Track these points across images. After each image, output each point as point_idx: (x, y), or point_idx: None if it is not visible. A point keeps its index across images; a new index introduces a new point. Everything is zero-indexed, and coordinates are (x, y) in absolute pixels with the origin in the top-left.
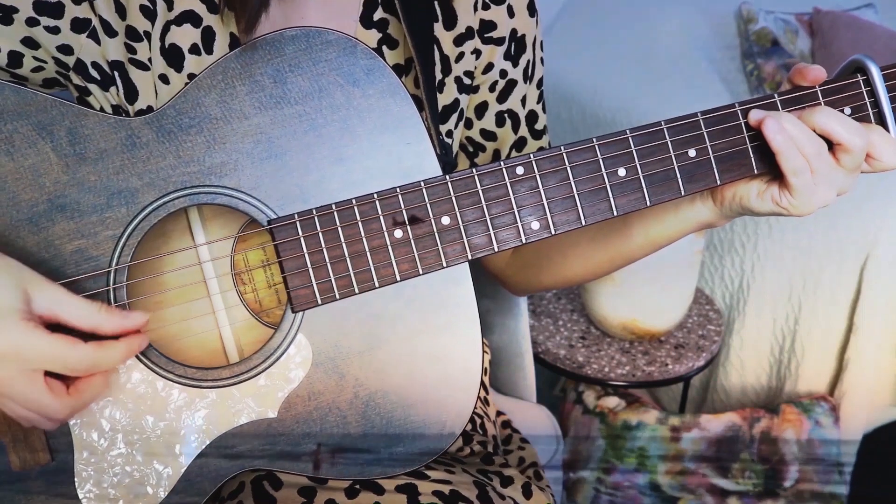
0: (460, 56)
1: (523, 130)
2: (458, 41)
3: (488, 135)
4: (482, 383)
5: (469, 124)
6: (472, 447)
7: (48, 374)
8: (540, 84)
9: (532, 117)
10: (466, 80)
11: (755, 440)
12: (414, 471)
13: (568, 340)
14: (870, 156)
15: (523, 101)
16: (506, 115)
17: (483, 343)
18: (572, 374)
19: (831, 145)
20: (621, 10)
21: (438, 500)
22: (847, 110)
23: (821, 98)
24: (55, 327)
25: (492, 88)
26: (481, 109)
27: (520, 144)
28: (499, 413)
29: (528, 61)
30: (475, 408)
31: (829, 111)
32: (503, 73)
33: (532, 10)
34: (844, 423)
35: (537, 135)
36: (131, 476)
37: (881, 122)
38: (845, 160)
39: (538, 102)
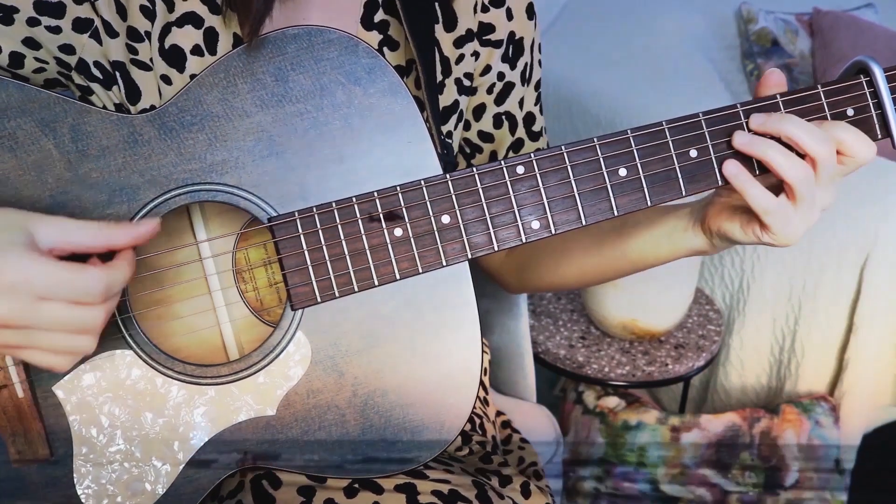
0: (460, 58)
1: (520, 132)
2: (459, 43)
3: (486, 136)
4: (482, 383)
5: (467, 126)
6: (471, 447)
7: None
8: (538, 86)
9: (529, 119)
10: (466, 82)
11: (755, 440)
12: (413, 470)
13: (568, 340)
14: (841, 153)
15: (521, 103)
16: (503, 117)
17: (483, 343)
18: (572, 374)
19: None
20: (621, 11)
21: (437, 499)
22: (850, 111)
23: (823, 99)
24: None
25: (489, 90)
26: (479, 111)
27: (517, 146)
28: (499, 413)
29: (526, 64)
30: (474, 407)
31: (795, 120)
32: (501, 76)
33: (530, 12)
34: (844, 423)
35: (534, 136)
36: (130, 472)
37: (884, 123)
38: (819, 173)
39: (536, 104)
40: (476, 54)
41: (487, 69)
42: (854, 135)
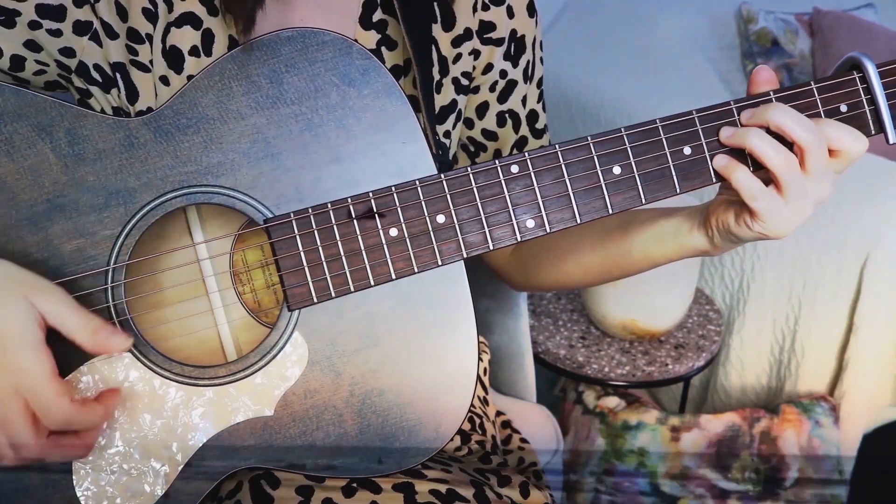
0: (458, 57)
1: (524, 130)
2: (456, 42)
3: (489, 135)
4: (482, 383)
5: (470, 124)
6: (470, 446)
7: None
8: (540, 84)
9: (532, 117)
10: (464, 82)
11: (755, 440)
12: (411, 470)
13: (568, 340)
14: (833, 150)
15: (524, 100)
16: (506, 115)
17: (483, 343)
18: (572, 374)
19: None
20: (621, 10)
21: (435, 499)
22: (843, 107)
23: (816, 95)
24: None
25: (492, 89)
26: (482, 110)
27: (521, 144)
28: (498, 413)
29: (528, 61)
30: (474, 407)
31: (783, 108)
32: (503, 74)
33: (531, 10)
34: (844, 423)
35: (538, 134)
36: (129, 474)
37: (877, 119)
38: (807, 163)
39: (538, 102)
40: (475, 53)
41: (489, 67)
42: (844, 131)
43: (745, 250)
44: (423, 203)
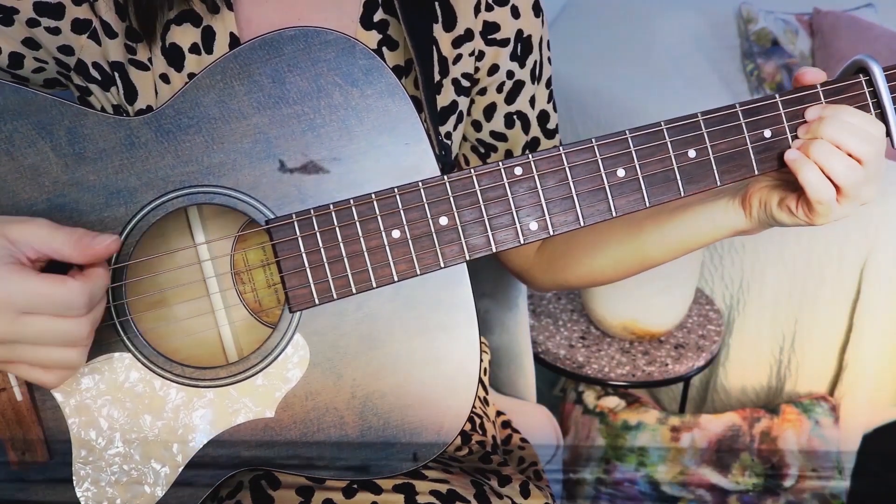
0: (458, 58)
1: (535, 131)
2: (457, 43)
3: (498, 136)
4: (482, 383)
5: (478, 126)
6: (470, 447)
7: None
8: (549, 84)
9: (543, 117)
10: (465, 83)
11: (755, 440)
12: (411, 470)
13: (568, 340)
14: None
15: (532, 101)
16: (515, 116)
17: (483, 343)
18: (572, 374)
19: None
20: (621, 11)
21: (436, 499)
22: None
23: (822, 98)
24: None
25: (499, 90)
26: (490, 111)
27: (533, 145)
28: (499, 413)
29: (536, 62)
30: (474, 407)
31: (838, 123)
32: (510, 74)
33: (537, 10)
34: (844, 423)
35: (550, 134)
36: (129, 475)
37: (883, 122)
38: (867, 170)
39: (549, 102)
40: (476, 54)
41: (495, 68)
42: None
43: (745, 250)
44: (425, 205)
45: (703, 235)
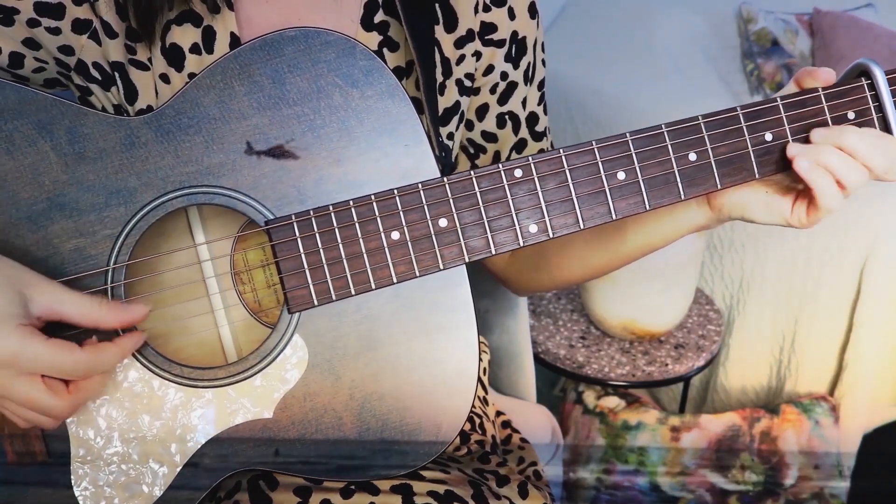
0: (461, 58)
1: (523, 132)
2: (459, 43)
3: (489, 136)
4: (482, 383)
5: (470, 126)
6: (469, 447)
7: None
8: (541, 86)
9: (532, 119)
10: (467, 83)
11: (755, 440)
12: (409, 471)
13: (568, 340)
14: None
15: (524, 102)
16: (506, 116)
17: (483, 343)
18: (572, 374)
19: None
20: (621, 11)
21: (433, 500)
22: (851, 114)
23: (824, 102)
24: (56, 327)
25: (492, 90)
26: (482, 111)
27: (520, 146)
28: (498, 413)
29: (529, 63)
30: (474, 407)
31: (858, 134)
32: (504, 76)
33: (533, 12)
34: (844, 423)
35: (537, 136)
36: (127, 474)
37: (885, 126)
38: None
39: (539, 104)
40: (477, 54)
41: (490, 69)
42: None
43: (745, 250)
44: (425, 206)
45: (665, 233)
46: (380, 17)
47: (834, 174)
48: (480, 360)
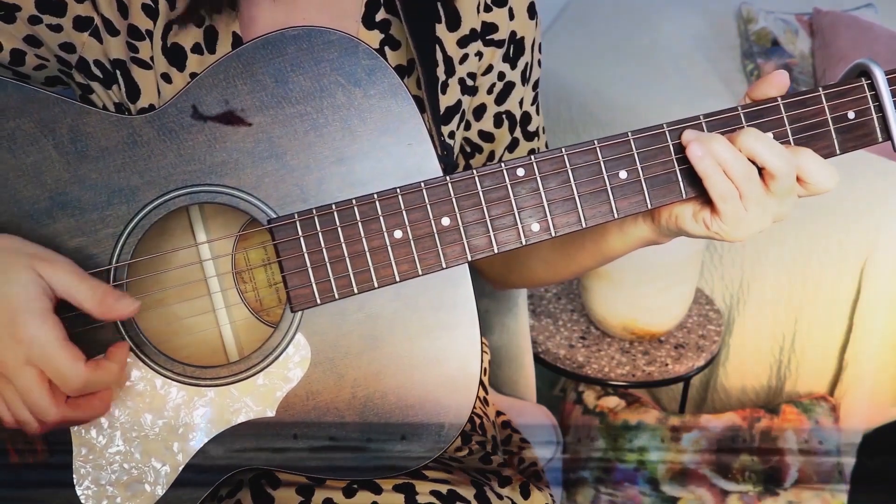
0: (464, 57)
1: (517, 132)
2: (462, 42)
3: (486, 136)
4: (482, 383)
5: (467, 126)
6: (470, 447)
7: None
8: (536, 86)
9: (525, 119)
10: (469, 82)
11: (755, 440)
12: (412, 470)
13: (568, 340)
14: (801, 180)
15: (520, 102)
16: (504, 116)
17: (483, 343)
18: (572, 374)
19: (761, 171)
20: (621, 11)
21: (436, 499)
22: (851, 114)
23: (824, 102)
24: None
25: (490, 90)
26: (479, 111)
27: (512, 146)
28: (499, 413)
29: (527, 63)
30: (475, 408)
31: (755, 133)
32: (501, 76)
33: (532, 12)
34: (844, 423)
35: (529, 136)
36: (129, 473)
37: (885, 126)
38: (773, 186)
39: (533, 104)
40: (479, 54)
41: (489, 69)
42: (819, 167)
43: (745, 250)
44: (428, 205)
45: (618, 247)
46: (381, 15)
47: (722, 164)
48: (480, 359)
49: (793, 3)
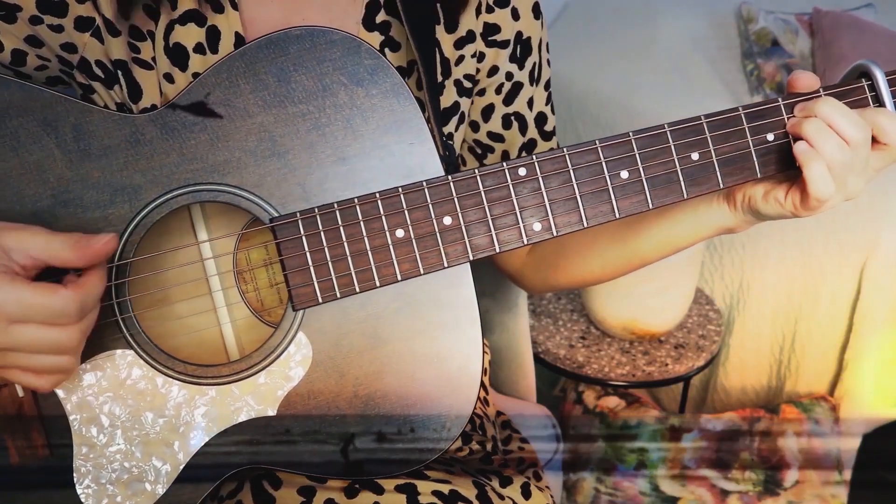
0: (460, 59)
1: (532, 132)
2: (459, 44)
3: (495, 137)
4: (482, 383)
5: (476, 127)
6: (471, 447)
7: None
8: (548, 86)
9: (541, 119)
10: (466, 84)
11: (755, 440)
12: (413, 470)
13: (568, 340)
14: (877, 141)
15: (530, 103)
16: (512, 117)
17: (483, 343)
18: (572, 374)
19: None
20: (621, 11)
21: (437, 499)
22: None
23: None
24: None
25: (498, 91)
26: (487, 112)
27: (529, 146)
28: (499, 413)
29: (535, 63)
30: (475, 408)
31: (833, 102)
32: (509, 76)
33: (537, 12)
34: (844, 423)
35: (547, 136)
36: (130, 472)
37: None
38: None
39: (547, 104)
40: (478, 56)
41: (495, 70)
42: (892, 121)
43: (745, 250)
44: (429, 205)
45: (690, 234)
46: (381, 17)
47: (810, 140)
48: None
49: (793, 3)
